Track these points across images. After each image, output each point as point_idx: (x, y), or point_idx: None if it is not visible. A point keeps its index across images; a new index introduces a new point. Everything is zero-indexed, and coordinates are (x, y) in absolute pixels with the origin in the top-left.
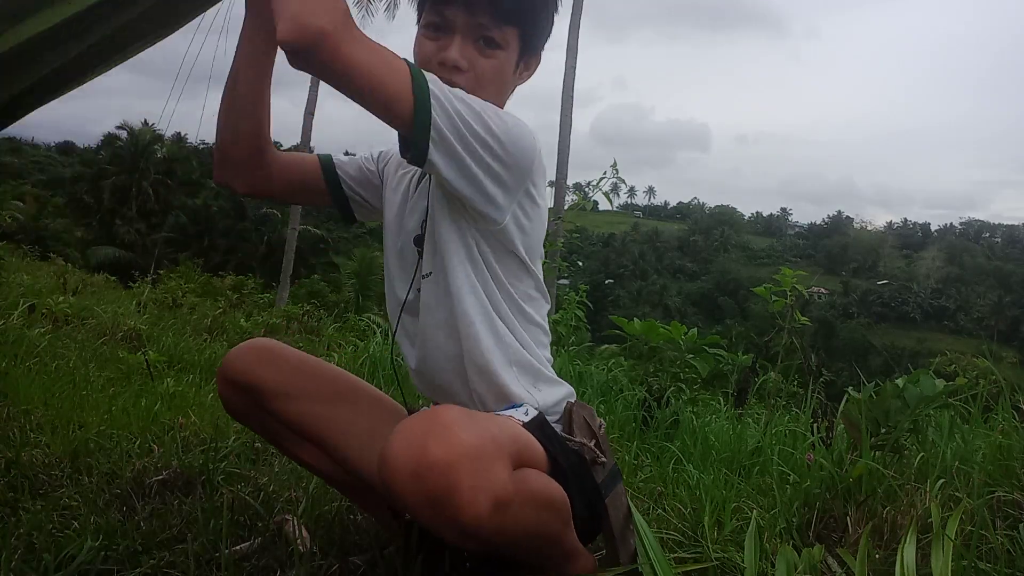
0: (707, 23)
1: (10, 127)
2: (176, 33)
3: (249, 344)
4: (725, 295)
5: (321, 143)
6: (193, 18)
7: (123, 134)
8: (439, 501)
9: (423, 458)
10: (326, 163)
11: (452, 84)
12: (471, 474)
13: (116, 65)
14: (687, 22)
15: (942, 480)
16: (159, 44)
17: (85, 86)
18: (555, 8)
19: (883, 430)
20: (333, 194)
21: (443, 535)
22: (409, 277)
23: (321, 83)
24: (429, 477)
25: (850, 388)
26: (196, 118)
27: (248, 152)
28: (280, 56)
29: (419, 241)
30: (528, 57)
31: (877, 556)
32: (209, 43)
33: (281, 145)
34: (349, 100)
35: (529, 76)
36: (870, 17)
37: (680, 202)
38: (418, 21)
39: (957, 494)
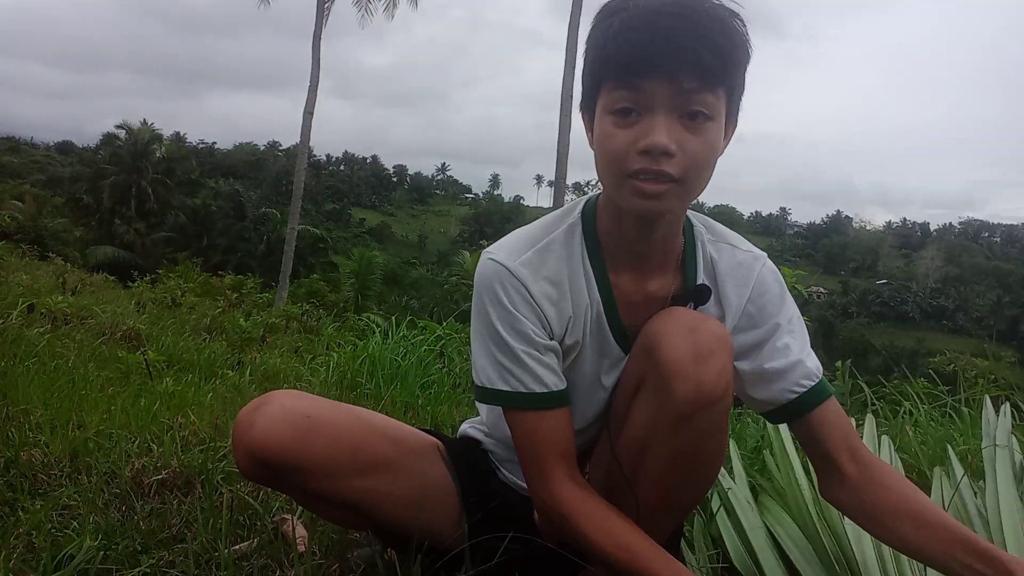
0: None
1: (10, 127)
2: (177, 33)
3: (279, 412)
4: None
5: (321, 143)
6: None
7: (122, 134)
8: (701, 357)
9: (699, 329)
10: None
11: (660, 173)
12: (728, 359)
13: None
14: None
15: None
16: (159, 44)
17: (85, 86)
18: (750, 60)
19: None
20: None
21: (682, 389)
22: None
23: (320, 83)
24: (699, 339)
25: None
26: (195, 117)
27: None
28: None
29: None
30: (730, 123)
31: None
32: (210, 43)
33: (280, 144)
34: (349, 100)
35: (727, 146)
36: (869, 18)
37: None
38: (587, 104)
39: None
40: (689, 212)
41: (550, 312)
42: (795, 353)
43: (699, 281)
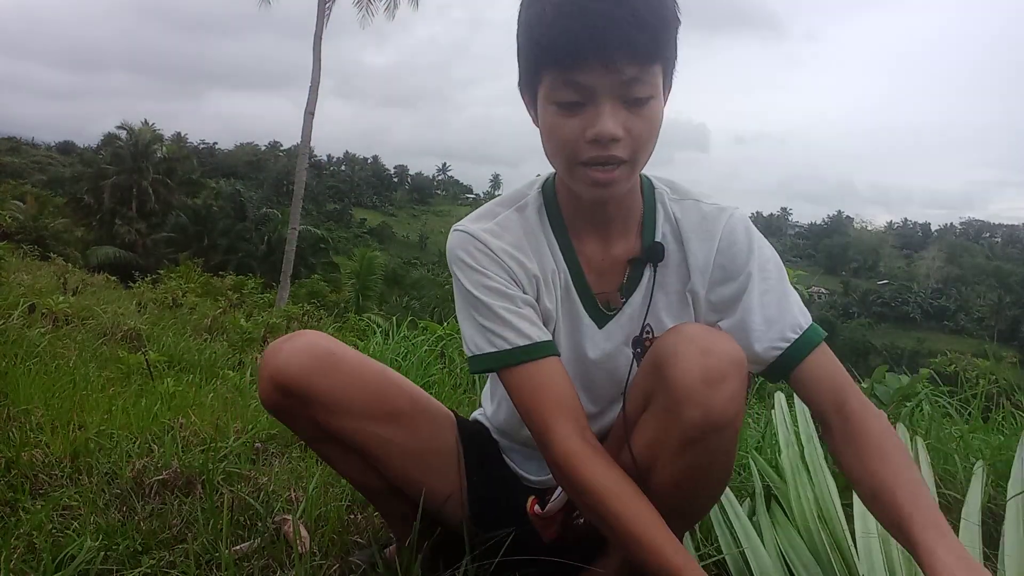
0: (705, 25)
1: (11, 127)
2: (177, 33)
3: (305, 344)
4: None
5: (322, 143)
6: None
7: (123, 134)
8: (712, 382)
9: (711, 352)
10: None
11: (608, 159)
12: (740, 384)
13: None
14: (684, 23)
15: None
16: (160, 45)
17: (86, 86)
18: (678, 24)
19: None
20: None
21: (691, 414)
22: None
23: (321, 83)
24: (711, 363)
25: None
26: (196, 117)
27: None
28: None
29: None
30: (668, 89)
31: None
32: (210, 44)
33: (281, 145)
34: (350, 100)
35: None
36: (869, 19)
37: None
38: (527, 90)
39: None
40: (649, 175)
41: (516, 269)
42: (774, 304)
43: (657, 239)
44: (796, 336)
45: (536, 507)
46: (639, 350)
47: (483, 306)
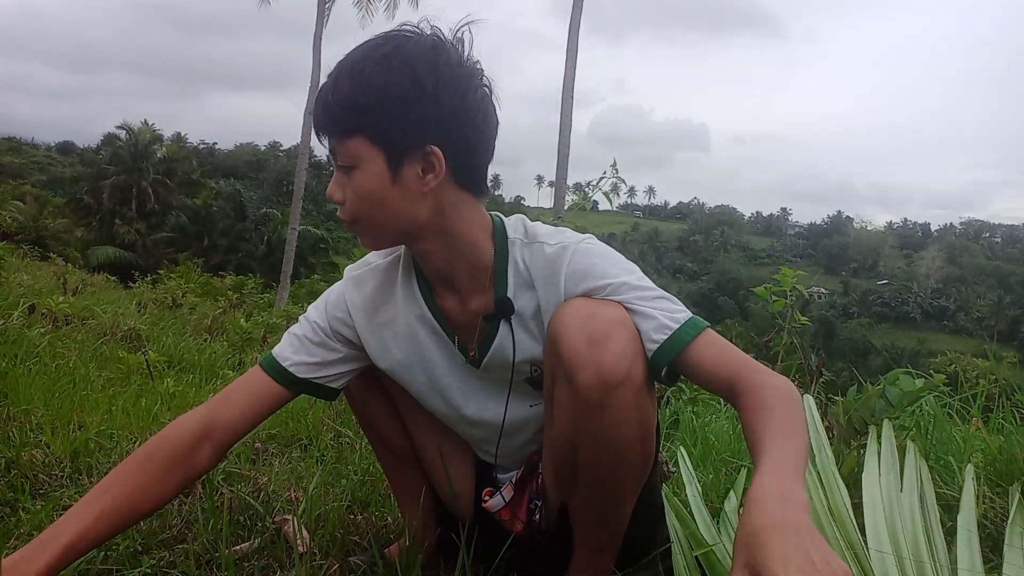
0: (704, 26)
1: (11, 127)
2: (177, 34)
3: None
4: (725, 295)
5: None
6: None
7: (123, 134)
8: (597, 342)
9: (594, 316)
10: (286, 380)
11: (342, 219)
12: (628, 340)
13: None
14: (684, 25)
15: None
16: (160, 45)
17: (86, 86)
18: (415, 95)
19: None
20: (309, 393)
21: (583, 377)
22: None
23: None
24: (594, 325)
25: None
26: (196, 117)
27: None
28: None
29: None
30: (409, 160)
31: None
32: (210, 44)
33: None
34: None
35: (439, 176)
36: (869, 19)
37: (680, 202)
38: None
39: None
40: (505, 220)
41: (339, 327)
42: (638, 319)
43: (508, 294)
44: (664, 337)
45: (485, 500)
46: (536, 384)
47: (302, 327)
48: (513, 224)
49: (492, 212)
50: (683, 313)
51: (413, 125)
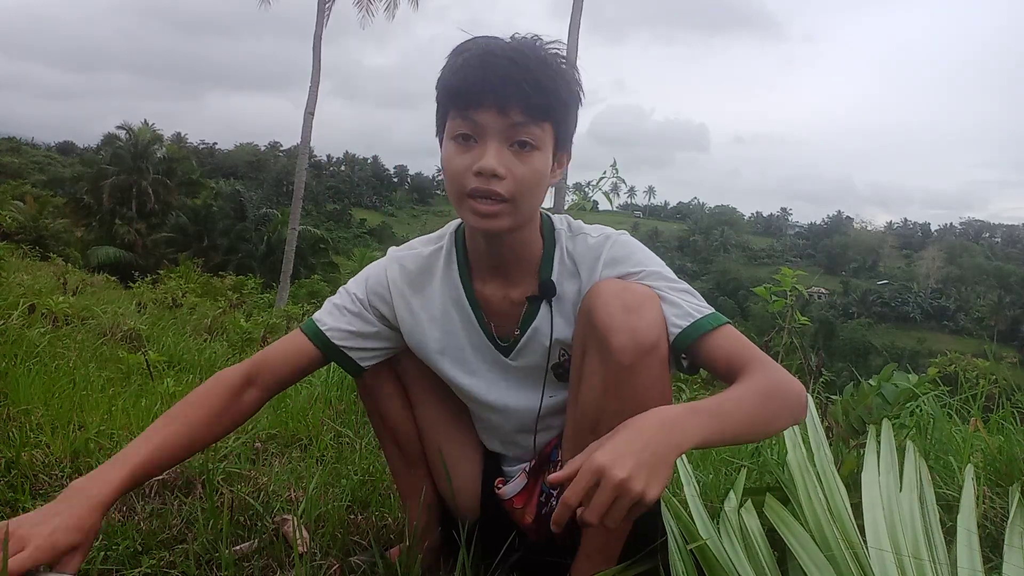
0: (704, 26)
1: (10, 127)
2: (178, 34)
3: None
4: (725, 295)
5: (322, 143)
6: None
7: (123, 134)
8: (631, 309)
9: (627, 288)
10: (323, 344)
11: (491, 193)
12: (659, 313)
13: None
14: (683, 25)
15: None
16: (160, 45)
17: (86, 86)
18: (580, 102)
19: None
20: (338, 363)
21: (618, 340)
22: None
23: (321, 83)
24: (628, 296)
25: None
26: (196, 118)
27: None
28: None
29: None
30: (561, 154)
31: None
32: (210, 44)
33: (281, 145)
34: (350, 101)
35: (561, 174)
36: (868, 20)
37: (680, 202)
38: (439, 132)
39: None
40: (553, 216)
41: (380, 305)
42: (664, 300)
43: (553, 278)
44: (687, 324)
45: (498, 487)
46: (561, 371)
47: (341, 298)
48: (558, 219)
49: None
50: (706, 308)
51: (574, 125)
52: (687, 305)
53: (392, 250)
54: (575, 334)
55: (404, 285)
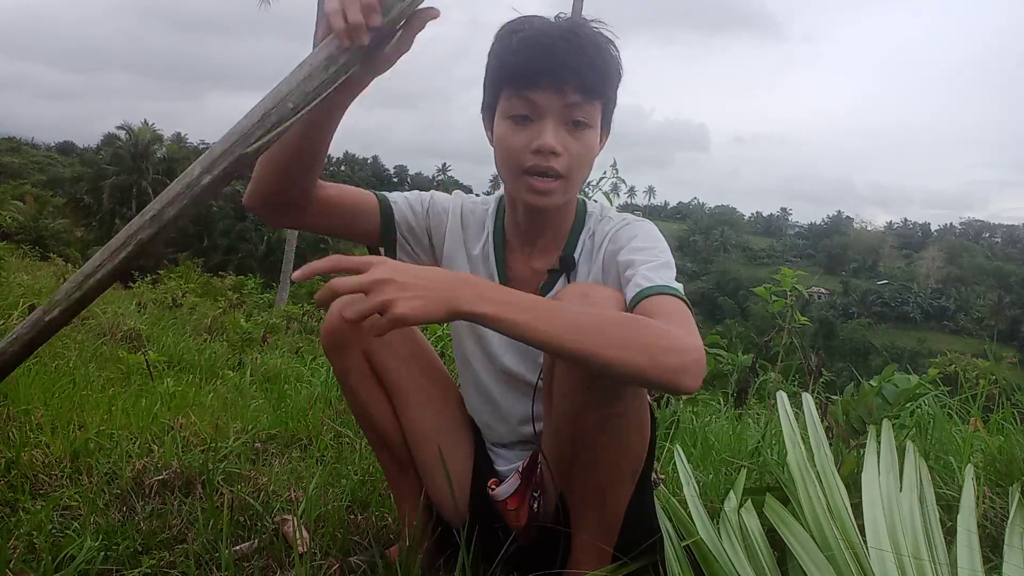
0: (703, 26)
1: (10, 127)
2: (178, 34)
3: None
4: (725, 295)
5: None
6: None
7: (123, 134)
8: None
9: (588, 294)
10: (385, 209)
11: (547, 170)
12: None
13: None
14: (683, 25)
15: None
16: (160, 45)
17: (86, 86)
18: (621, 79)
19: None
20: (384, 238)
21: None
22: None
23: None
24: (590, 299)
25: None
26: (196, 118)
27: (296, 195)
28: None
29: None
30: (604, 130)
31: None
32: (210, 44)
33: None
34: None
35: (602, 149)
36: (867, 20)
37: (680, 202)
38: (488, 108)
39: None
40: (588, 201)
41: (450, 228)
42: (633, 267)
43: (575, 255)
44: (636, 291)
45: (492, 488)
46: None
47: (410, 194)
48: (593, 204)
49: None
50: (666, 282)
51: (615, 102)
52: (652, 276)
53: (457, 192)
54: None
55: (459, 222)
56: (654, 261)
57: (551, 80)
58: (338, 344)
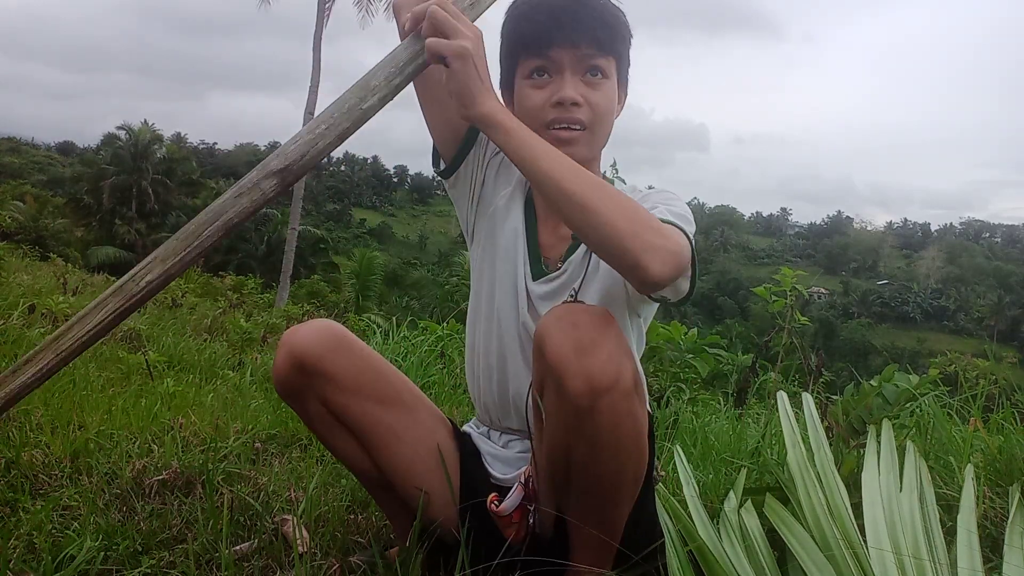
0: (703, 27)
1: (10, 127)
2: (178, 34)
3: (321, 328)
4: (725, 295)
5: None
6: None
7: (123, 134)
8: (584, 350)
9: (578, 324)
10: (471, 132)
11: (572, 121)
12: (615, 345)
13: None
14: (683, 26)
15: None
16: (160, 45)
17: (86, 86)
18: (630, 42)
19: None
20: (460, 146)
21: (572, 385)
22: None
23: (321, 83)
24: (579, 334)
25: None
26: (196, 117)
27: None
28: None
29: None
30: (621, 89)
31: None
32: (210, 44)
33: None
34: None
35: (621, 110)
36: (867, 21)
37: None
38: (506, 82)
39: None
40: (616, 177)
41: (503, 178)
42: (652, 203)
43: None
44: (664, 217)
45: (495, 504)
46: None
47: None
48: (618, 180)
49: None
50: (682, 224)
51: (629, 63)
52: (668, 215)
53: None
54: (533, 359)
55: (503, 171)
56: (675, 207)
57: (564, 36)
58: (291, 393)
